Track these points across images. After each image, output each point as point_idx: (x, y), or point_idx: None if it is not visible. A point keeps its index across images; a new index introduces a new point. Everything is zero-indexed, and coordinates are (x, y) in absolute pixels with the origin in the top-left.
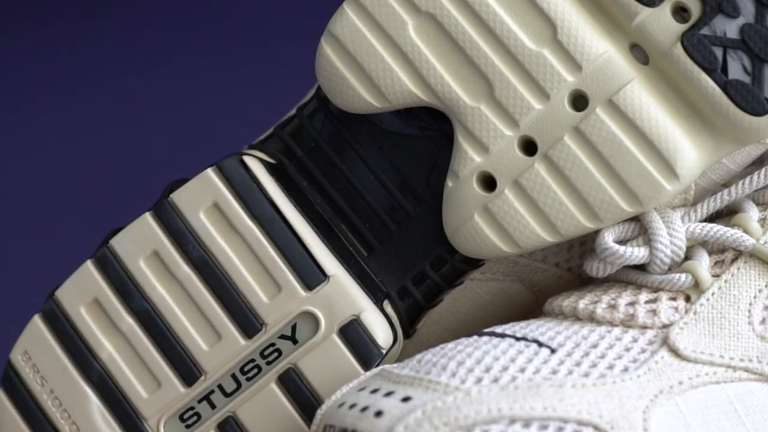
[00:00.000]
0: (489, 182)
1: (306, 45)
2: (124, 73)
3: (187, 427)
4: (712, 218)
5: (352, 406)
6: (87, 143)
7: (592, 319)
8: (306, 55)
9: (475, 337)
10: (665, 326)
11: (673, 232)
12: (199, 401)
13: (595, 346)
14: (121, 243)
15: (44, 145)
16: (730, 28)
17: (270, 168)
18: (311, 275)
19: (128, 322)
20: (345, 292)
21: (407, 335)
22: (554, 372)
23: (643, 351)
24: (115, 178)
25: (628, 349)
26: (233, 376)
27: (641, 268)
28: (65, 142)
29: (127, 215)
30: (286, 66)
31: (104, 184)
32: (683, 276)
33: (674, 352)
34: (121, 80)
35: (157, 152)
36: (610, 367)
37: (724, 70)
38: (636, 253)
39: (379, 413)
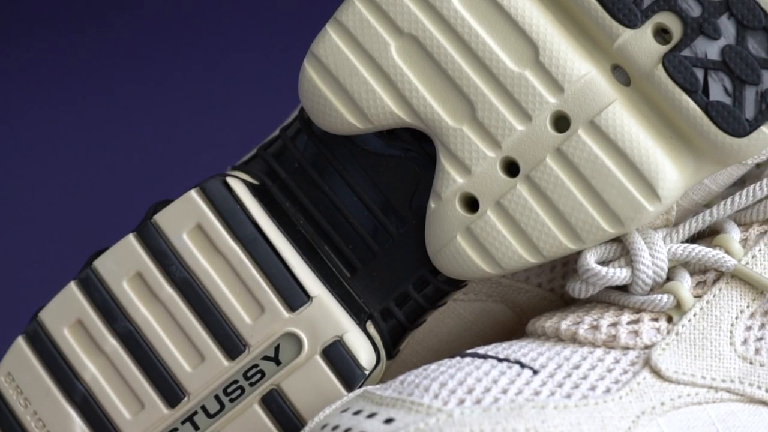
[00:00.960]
0: (471, 203)
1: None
2: (115, 90)
3: None
4: (693, 239)
5: (335, 428)
6: (73, 162)
7: (574, 339)
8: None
9: (458, 358)
10: (647, 347)
11: (654, 253)
12: (183, 422)
13: (577, 367)
14: (105, 264)
15: (29, 162)
16: (711, 49)
17: (253, 189)
18: (294, 296)
19: (111, 343)
20: (328, 313)
21: (390, 356)
22: (536, 393)
23: (625, 372)
24: (106, 194)
25: (610, 370)
26: (216, 397)
27: (623, 288)
28: (51, 160)
29: (116, 233)
30: (280, 84)
31: (93, 201)
32: (665, 297)
33: (656, 373)
34: (111, 98)
35: (146, 170)
36: (593, 388)
37: (706, 91)
38: (618, 274)
39: None
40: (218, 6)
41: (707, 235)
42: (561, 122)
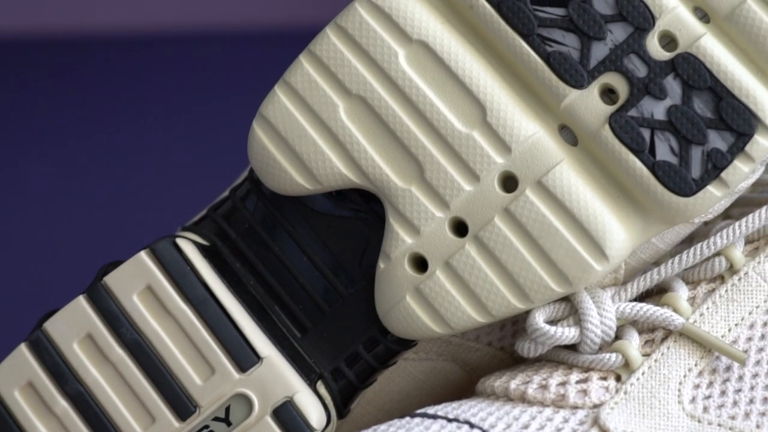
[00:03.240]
0: (420, 263)
1: None
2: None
3: None
4: (642, 297)
5: None
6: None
7: (523, 399)
8: None
9: (408, 418)
10: (596, 406)
11: (603, 312)
12: None
13: (526, 426)
14: (55, 326)
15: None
16: (657, 109)
17: (203, 250)
18: (244, 357)
19: (62, 405)
20: (278, 374)
21: (341, 416)
22: None
23: (575, 431)
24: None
25: (559, 430)
26: None
27: (572, 347)
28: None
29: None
30: (230, 144)
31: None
32: (613, 356)
33: None
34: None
35: (98, 229)
36: None
37: (652, 151)
38: (566, 333)
39: None
40: (168, 66)
41: (655, 294)
42: (509, 182)
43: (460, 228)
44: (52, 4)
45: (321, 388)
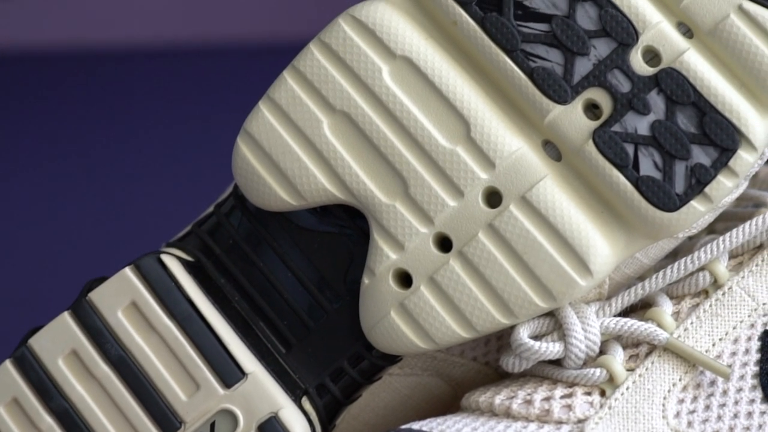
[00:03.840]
0: (405, 279)
1: None
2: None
3: None
4: (626, 312)
5: None
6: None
7: (508, 414)
8: None
9: None
10: (580, 421)
11: (587, 327)
12: None
13: None
14: (40, 342)
15: None
16: (641, 124)
17: (188, 266)
18: (229, 373)
19: (47, 422)
20: (263, 390)
21: (326, 431)
22: None
23: None
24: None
25: None
26: None
27: (557, 362)
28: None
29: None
30: (215, 160)
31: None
32: (598, 371)
33: None
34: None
35: (84, 243)
36: None
37: (636, 166)
38: (551, 348)
39: None
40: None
41: (640, 308)
42: (493, 198)
43: (444, 243)
44: (31, 19)
45: (306, 403)
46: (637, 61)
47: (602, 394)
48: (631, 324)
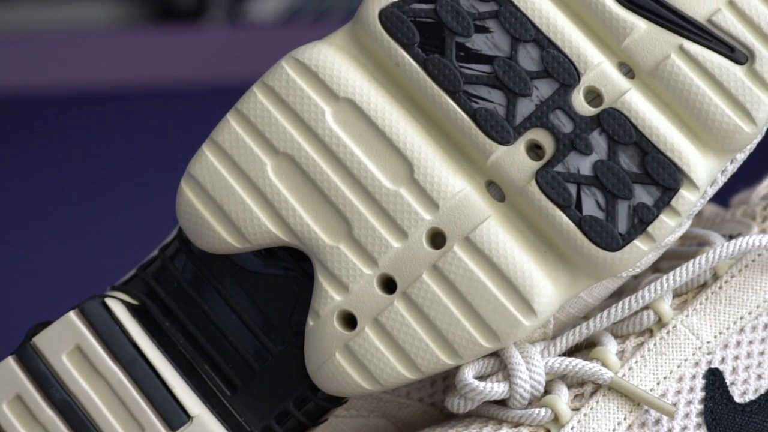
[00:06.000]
0: (350, 320)
1: None
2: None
3: None
4: (571, 351)
5: None
6: None
7: None
8: None
9: None
10: None
11: (532, 367)
12: None
13: None
14: None
15: None
16: (583, 165)
17: (132, 309)
18: (174, 416)
19: None
20: None
21: None
22: None
23: None
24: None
25: None
26: None
27: (502, 402)
28: None
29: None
30: (160, 203)
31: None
32: (543, 410)
33: None
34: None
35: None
36: None
37: (579, 206)
38: (495, 388)
39: None
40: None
41: (585, 348)
42: (437, 239)
43: (388, 285)
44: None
45: None
46: (579, 101)
47: None
48: (576, 363)
